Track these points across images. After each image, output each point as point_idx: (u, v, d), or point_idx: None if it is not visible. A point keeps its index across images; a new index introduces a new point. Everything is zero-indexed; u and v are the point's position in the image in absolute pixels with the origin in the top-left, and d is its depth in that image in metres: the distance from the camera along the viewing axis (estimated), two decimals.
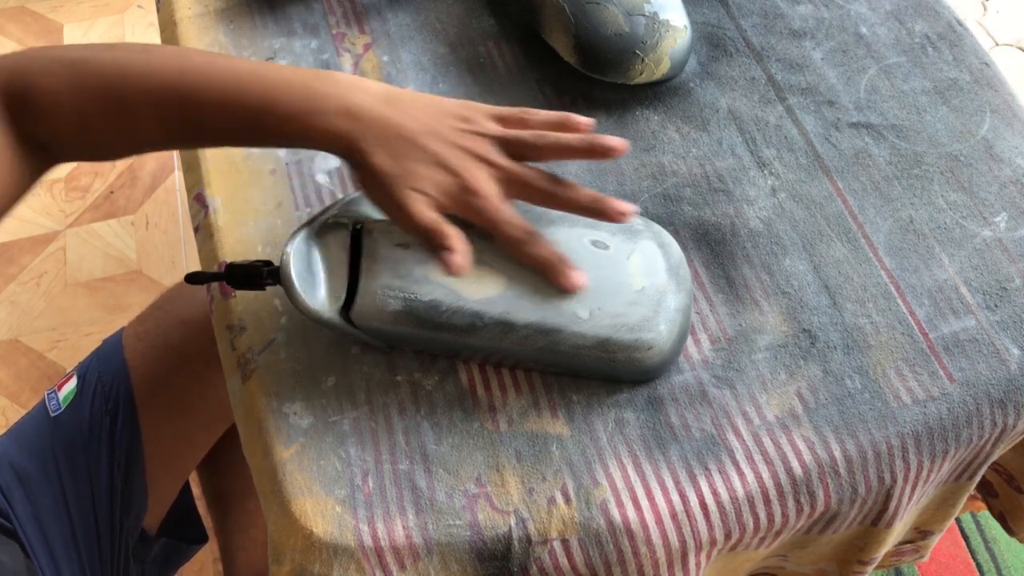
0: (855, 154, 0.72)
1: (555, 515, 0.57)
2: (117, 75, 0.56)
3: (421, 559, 0.56)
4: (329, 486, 0.58)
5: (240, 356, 0.64)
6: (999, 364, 0.63)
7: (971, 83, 0.76)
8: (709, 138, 0.73)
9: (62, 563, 0.74)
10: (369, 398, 0.62)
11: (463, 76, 0.77)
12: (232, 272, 0.61)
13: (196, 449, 0.87)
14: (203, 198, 0.71)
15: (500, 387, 0.62)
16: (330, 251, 0.60)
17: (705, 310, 0.65)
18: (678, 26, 0.74)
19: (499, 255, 0.59)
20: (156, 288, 1.47)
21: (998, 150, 0.72)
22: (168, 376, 0.82)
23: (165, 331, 0.85)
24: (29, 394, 1.37)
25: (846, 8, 0.81)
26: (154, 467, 0.81)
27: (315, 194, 0.71)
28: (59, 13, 1.81)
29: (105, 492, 0.77)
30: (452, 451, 0.60)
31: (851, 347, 0.63)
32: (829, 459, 0.59)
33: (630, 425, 0.60)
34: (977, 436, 0.62)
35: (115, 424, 0.79)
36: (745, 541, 0.60)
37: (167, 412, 0.82)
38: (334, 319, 0.59)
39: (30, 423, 0.80)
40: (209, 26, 0.81)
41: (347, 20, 0.81)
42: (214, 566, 1.21)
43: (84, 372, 0.82)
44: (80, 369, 0.83)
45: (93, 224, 1.54)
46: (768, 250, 0.68)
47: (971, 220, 0.69)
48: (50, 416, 0.79)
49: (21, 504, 0.75)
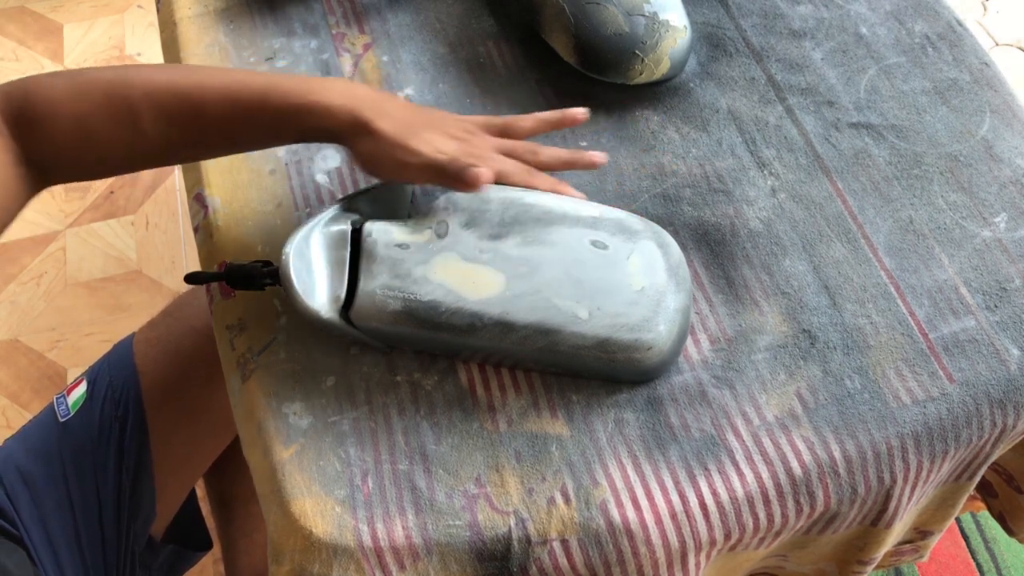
0: (855, 154, 0.72)
1: (555, 515, 0.57)
2: (120, 81, 0.57)
3: (421, 559, 0.56)
4: (329, 486, 0.58)
5: (240, 356, 0.64)
6: (999, 364, 0.63)
7: (971, 83, 0.76)
8: (709, 138, 0.73)
9: (67, 568, 0.74)
10: (369, 398, 0.62)
11: (463, 76, 0.77)
12: (232, 272, 0.61)
13: (205, 456, 0.87)
14: (203, 198, 0.71)
15: (500, 387, 0.62)
16: (330, 251, 0.60)
17: (705, 310, 0.65)
18: (678, 26, 0.74)
19: (499, 255, 0.59)
20: (156, 288, 1.47)
21: (998, 150, 0.72)
22: (178, 383, 0.82)
23: (176, 338, 0.85)
24: (29, 394, 1.37)
25: (846, 8, 0.81)
26: (162, 473, 0.81)
27: (315, 194, 0.70)
28: (59, 13, 1.81)
29: (112, 498, 0.77)
30: (452, 451, 0.60)
31: (851, 347, 0.63)
32: (829, 459, 0.59)
33: (630, 425, 0.60)
34: (977, 436, 0.62)
35: (124, 430, 0.79)
36: (745, 541, 0.60)
37: (177, 419, 0.82)
38: (334, 319, 0.59)
39: (38, 427, 0.80)
40: (209, 26, 0.81)
41: (347, 20, 0.81)
42: (215, 568, 1.21)
43: (94, 378, 0.82)
44: (90, 374, 0.83)
45: (93, 224, 1.54)
46: (768, 250, 0.68)
47: (971, 220, 0.69)
48: (59, 421, 0.79)
49: (27, 508, 0.75)
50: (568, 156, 0.65)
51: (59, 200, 1.57)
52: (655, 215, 0.69)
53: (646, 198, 0.70)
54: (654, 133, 0.74)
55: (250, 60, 0.78)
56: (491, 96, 0.76)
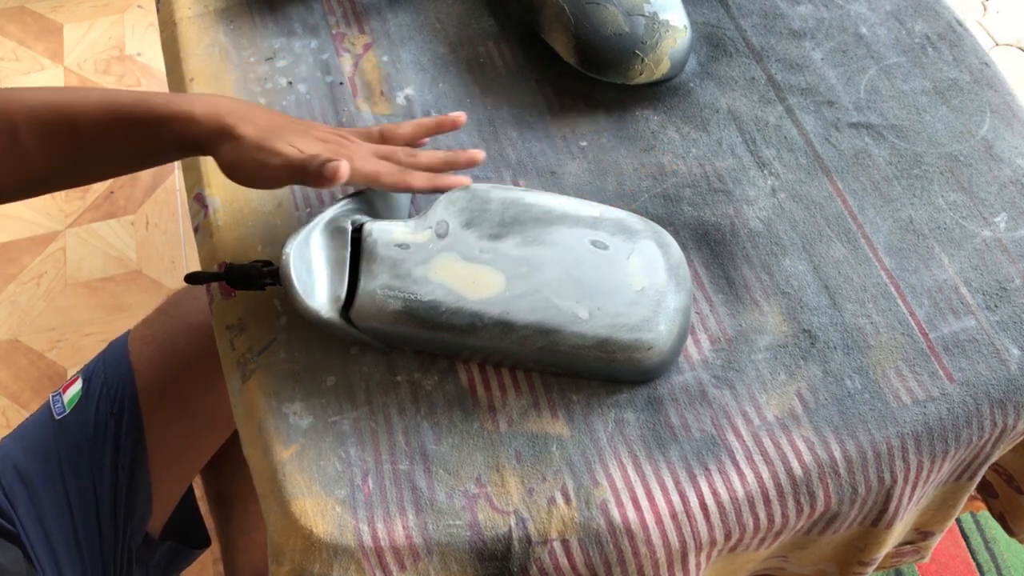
0: (855, 154, 0.72)
1: (555, 515, 0.57)
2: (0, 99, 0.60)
3: (421, 559, 0.56)
4: (329, 486, 0.58)
5: (240, 356, 0.64)
6: (999, 364, 0.63)
7: (971, 83, 0.76)
8: (709, 138, 0.73)
9: (64, 565, 0.74)
10: (369, 398, 0.62)
11: (463, 76, 0.77)
12: (232, 272, 0.61)
13: (201, 453, 0.87)
14: (203, 198, 0.71)
15: (500, 387, 0.62)
16: (330, 251, 0.60)
17: (705, 310, 0.65)
18: (678, 26, 0.74)
19: (499, 255, 0.59)
20: (156, 288, 1.47)
21: (998, 150, 0.72)
22: (174, 380, 0.82)
23: (172, 335, 0.85)
24: (29, 394, 1.37)
25: (846, 8, 0.81)
26: (158, 470, 0.81)
27: (315, 194, 0.70)
28: (59, 13, 1.81)
29: (109, 495, 0.77)
30: (452, 451, 0.60)
31: (851, 347, 0.63)
32: (829, 459, 0.59)
33: (630, 425, 0.60)
34: (977, 436, 0.62)
35: (120, 427, 0.79)
36: (745, 542, 0.60)
37: (172, 416, 0.82)
38: (334, 319, 0.59)
39: (34, 425, 0.80)
40: (209, 26, 0.81)
41: (347, 20, 0.81)
42: (214, 567, 1.21)
43: (89, 375, 0.82)
44: (85, 372, 0.83)
45: (93, 224, 1.54)
46: (768, 250, 0.68)
47: (971, 220, 0.69)
48: (54, 419, 0.79)
49: (24, 506, 0.75)
50: (446, 156, 0.65)
51: (59, 200, 1.57)
52: (655, 215, 0.69)
53: (646, 198, 0.70)
54: (654, 133, 0.74)
55: (250, 60, 0.78)
56: (491, 96, 0.76)
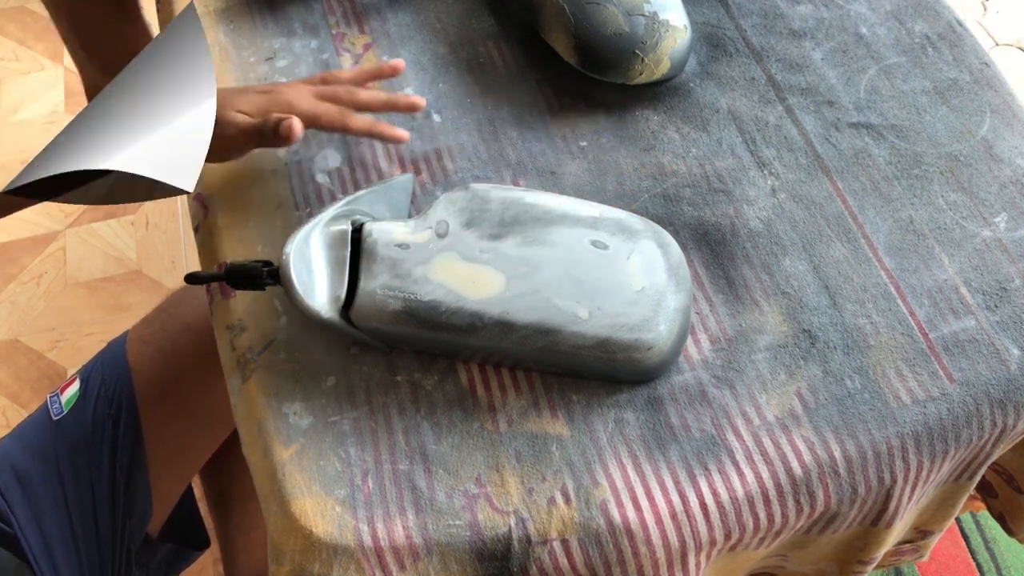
0: (855, 154, 0.72)
1: (555, 515, 0.57)
2: None
3: (421, 559, 0.56)
4: (329, 486, 0.58)
5: (240, 356, 0.64)
6: (999, 364, 0.63)
7: (971, 83, 0.76)
8: (709, 138, 0.73)
9: (62, 566, 0.74)
10: (369, 398, 0.62)
11: (463, 76, 0.77)
12: (232, 272, 0.61)
13: (199, 453, 0.87)
14: (203, 198, 0.71)
15: (500, 387, 0.62)
16: (330, 251, 0.60)
17: (705, 310, 0.65)
18: (678, 26, 0.74)
19: (499, 255, 0.59)
20: (156, 288, 1.47)
21: (998, 150, 0.72)
22: (172, 380, 0.82)
23: (170, 335, 0.85)
24: (29, 394, 1.37)
25: (846, 8, 0.81)
26: (157, 470, 0.81)
27: (315, 194, 0.70)
28: None
29: (107, 496, 0.77)
30: (452, 451, 0.60)
31: (851, 347, 0.63)
32: (829, 459, 0.59)
33: (630, 425, 0.60)
34: (977, 436, 0.62)
35: (117, 428, 0.79)
36: (745, 541, 0.60)
37: (170, 416, 0.82)
38: (334, 319, 0.59)
39: (32, 426, 0.80)
40: (209, 26, 0.81)
41: (347, 20, 0.81)
42: (214, 567, 1.21)
43: (87, 376, 0.82)
44: (83, 372, 0.83)
45: (93, 224, 1.54)
46: (768, 250, 0.68)
47: (971, 220, 0.69)
48: (52, 419, 0.79)
49: (21, 506, 0.75)
50: (387, 97, 0.68)
51: None
52: (655, 215, 0.69)
53: (646, 198, 0.70)
54: (654, 133, 0.74)
55: (250, 60, 0.78)
56: (491, 96, 0.76)
